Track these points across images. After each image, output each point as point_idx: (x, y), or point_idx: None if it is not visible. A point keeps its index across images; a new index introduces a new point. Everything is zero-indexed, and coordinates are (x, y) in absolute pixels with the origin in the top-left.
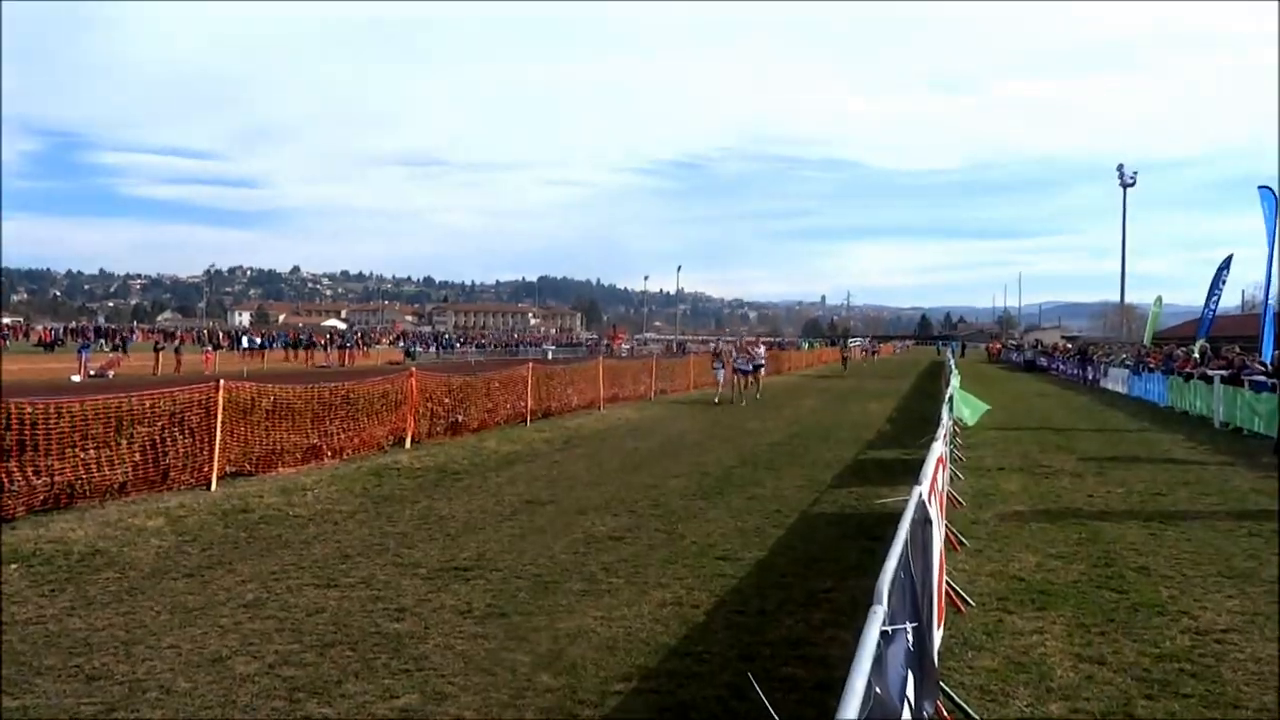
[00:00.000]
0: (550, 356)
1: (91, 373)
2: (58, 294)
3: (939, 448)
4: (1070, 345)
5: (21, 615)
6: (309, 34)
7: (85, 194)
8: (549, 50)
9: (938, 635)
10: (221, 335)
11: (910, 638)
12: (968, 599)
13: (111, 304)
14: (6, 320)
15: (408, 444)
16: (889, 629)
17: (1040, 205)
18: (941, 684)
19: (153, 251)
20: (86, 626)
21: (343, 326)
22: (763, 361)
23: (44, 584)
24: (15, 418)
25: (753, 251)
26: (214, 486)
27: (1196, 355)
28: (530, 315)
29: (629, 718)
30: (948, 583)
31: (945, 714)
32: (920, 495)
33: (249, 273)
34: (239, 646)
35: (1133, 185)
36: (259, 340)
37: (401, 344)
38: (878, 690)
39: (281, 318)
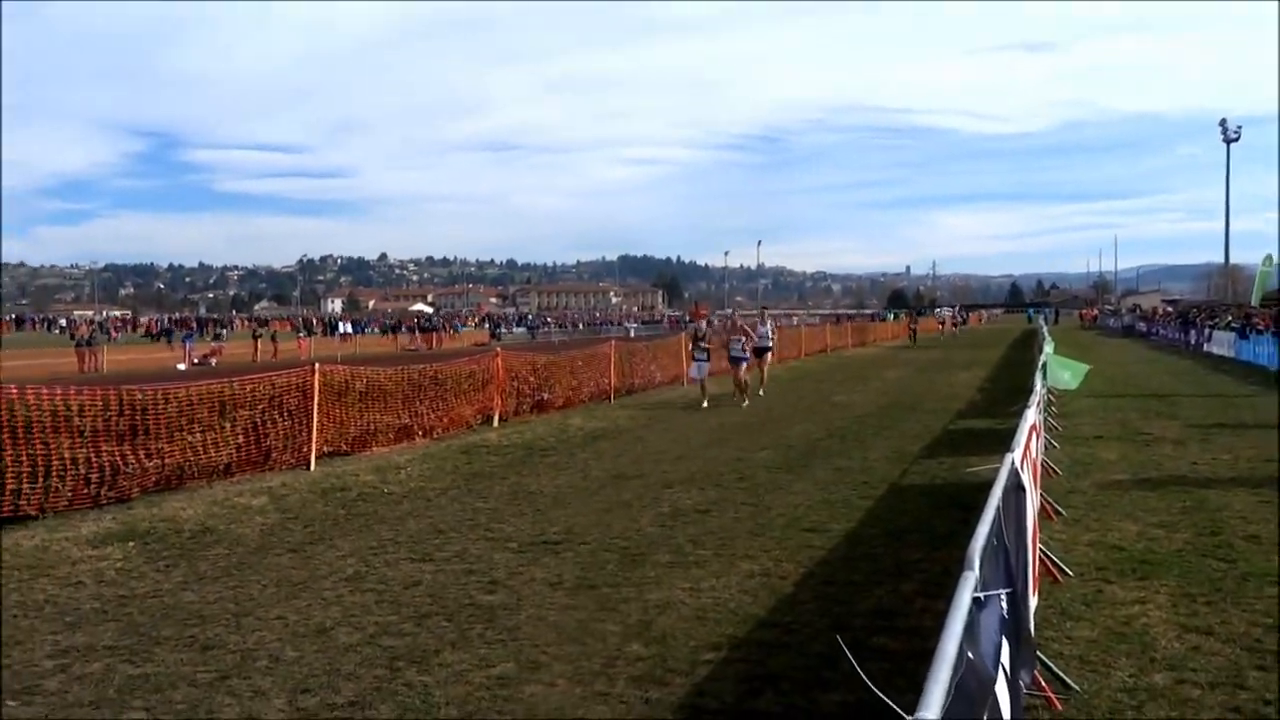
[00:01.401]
0: (632, 334)
1: (195, 361)
2: (161, 287)
3: (1032, 415)
4: (1171, 309)
5: (140, 589)
6: (389, 28)
7: (183, 191)
8: (625, 34)
9: (1033, 605)
10: (315, 321)
11: (1004, 605)
12: (1065, 569)
13: (211, 295)
14: (117, 313)
15: (495, 422)
16: (981, 595)
17: (1137, 165)
18: (1039, 653)
19: (248, 244)
20: (199, 599)
21: (429, 310)
22: (770, 343)
23: (159, 560)
24: (127, 404)
25: (835, 223)
26: (312, 466)
27: None
28: (611, 294)
29: (720, 686)
30: (1043, 552)
31: (1043, 684)
32: (1013, 462)
33: (339, 261)
34: (341, 618)
35: (1236, 140)
36: (352, 327)
37: (487, 325)
38: (970, 656)
39: (371, 304)
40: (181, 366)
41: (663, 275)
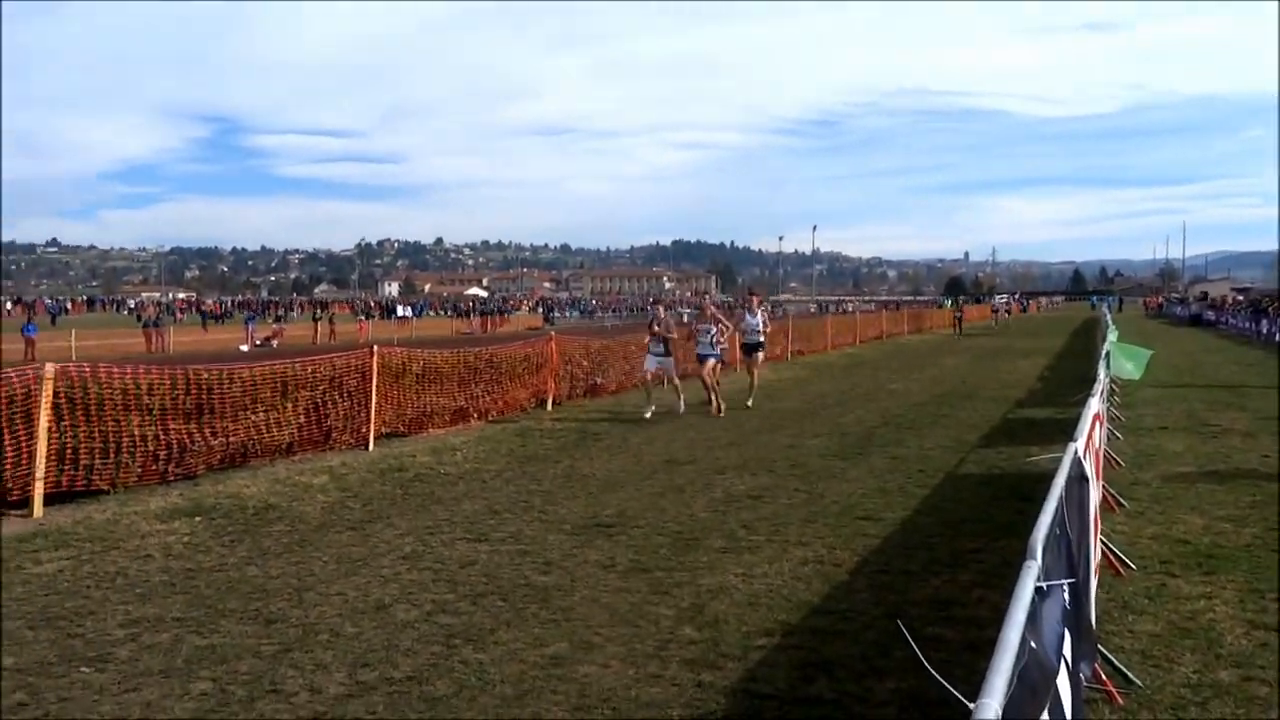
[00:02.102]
0: (685, 319)
1: (258, 342)
2: (225, 269)
3: (1096, 404)
4: (1241, 297)
5: (206, 563)
6: (442, 13)
7: (246, 175)
8: (677, 18)
9: (1094, 597)
10: (373, 305)
11: (1066, 595)
12: (1128, 561)
13: (273, 278)
14: (182, 295)
15: (549, 406)
16: (1044, 585)
17: (1207, 148)
18: (1100, 647)
19: (308, 227)
20: (263, 574)
21: (484, 294)
22: (761, 338)
23: (224, 535)
24: (194, 384)
25: (891, 208)
26: (371, 446)
27: None
28: (665, 279)
29: (773, 672)
30: (1105, 544)
31: (1103, 677)
32: (1076, 451)
33: (396, 245)
34: (399, 595)
35: None
36: (410, 309)
37: (540, 309)
38: (1033, 645)
39: (427, 287)
40: (244, 348)
41: (716, 261)
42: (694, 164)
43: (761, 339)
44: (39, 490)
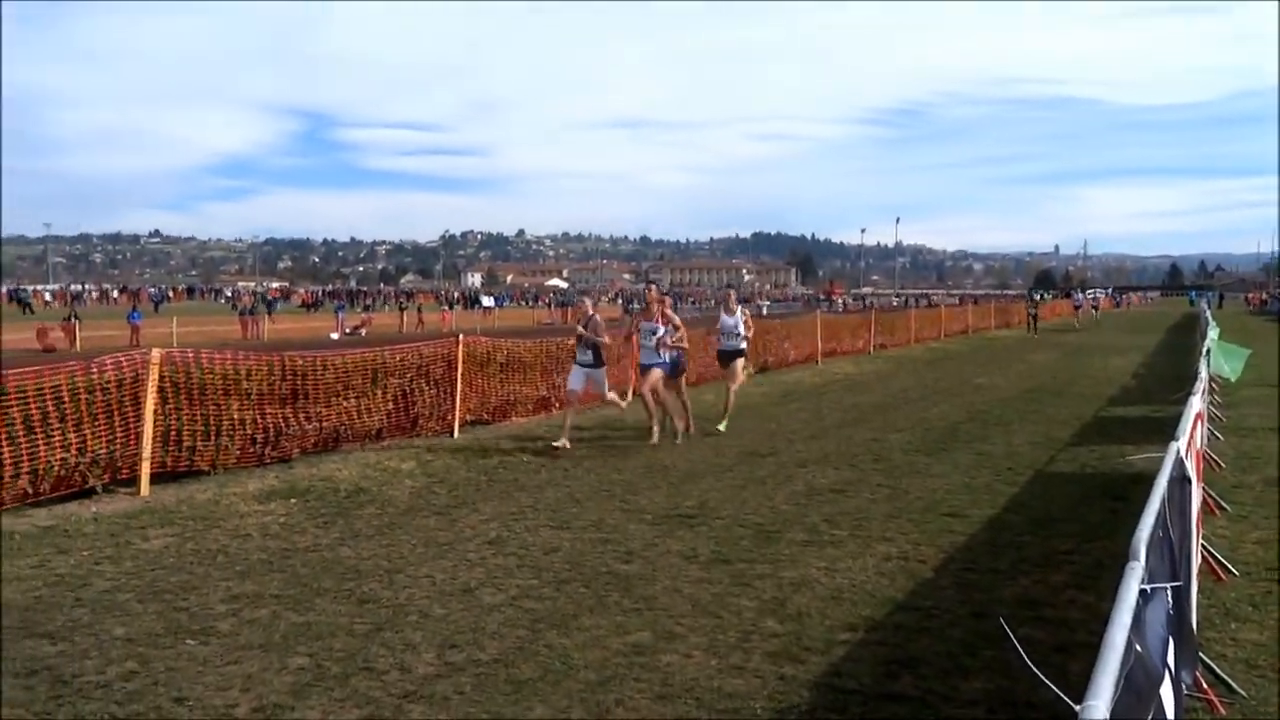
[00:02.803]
0: (764, 312)
1: (347, 330)
2: (316, 260)
3: (1197, 403)
4: None
5: (301, 543)
6: (522, 6)
7: (336, 168)
8: (755, 8)
9: (1195, 602)
10: (457, 294)
11: (1170, 599)
12: (1230, 567)
13: (361, 268)
14: (275, 285)
15: (629, 396)
16: (1148, 587)
17: None
18: (1201, 654)
19: (395, 219)
20: (355, 555)
21: (564, 285)
22: (742, 344)
23: (318, 517)
24: (289, 370)
25: (977, 200)
26: (456, 433)
27: None
28: (744, 271)
29: (857, 667)
30: (1206, 549)
31: (1205, 686)
32: (1178, 451)
33: (479, 236)
34: (485, 579)
35: None
36: (493, 300)
37: (619, 301)
38: (1138, 649)
39: (509, 278)
40: (335, 335)
41: (796, 252)
42: (775, 155)
43: (743, 344)
44: (145, 470)
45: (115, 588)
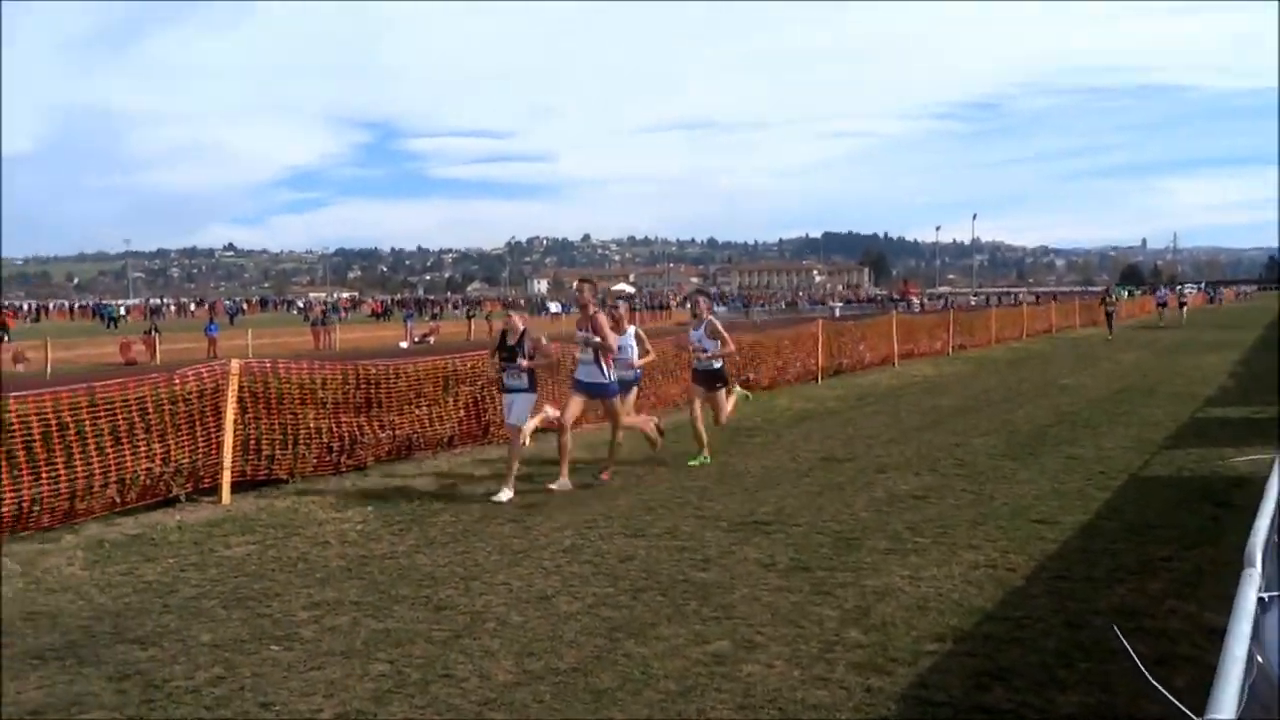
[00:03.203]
0: (837, 314)
1: (416, 339)
2: (384, 269)
3: None
4: None
5: (378, 551)
6: (580, 8)
7: (402, 178)
8: (821, 4)
9: None
10: (524, 302)
11: None
12: None
13: (428, 277)
14: (345, 294)
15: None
16: (1265, 596)
17: None
18: None
19: (461, 227)
20: (431, 562)
21: (631, 290)
22: (716, 363)
23: (394, 524)
24: (363, 379)
25: (1058, 194)
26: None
27: None
28: (815, 272)
29: (946, 679)
30: None
31: None
32: None
33: (545, 242)
34: (561, 587)
35: None
36: (559, 306)
37: (687, 305)
38: (1259, 660)
39: (575, 284)
40: (404, 344)
41: (869, 252)
42: (845, 153)
43: (717, 364)
44: (226, 479)
45: (201, 594)
